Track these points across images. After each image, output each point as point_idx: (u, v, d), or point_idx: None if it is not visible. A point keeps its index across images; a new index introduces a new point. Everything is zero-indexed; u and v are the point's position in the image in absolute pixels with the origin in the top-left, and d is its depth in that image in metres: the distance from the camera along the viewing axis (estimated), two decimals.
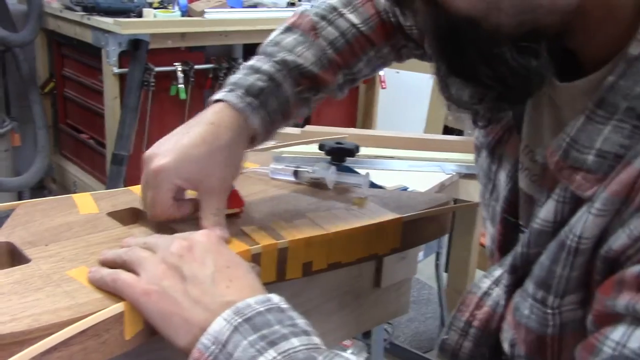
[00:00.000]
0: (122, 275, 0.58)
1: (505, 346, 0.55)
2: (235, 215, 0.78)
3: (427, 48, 0.59)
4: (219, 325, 0.53)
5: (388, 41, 0.83)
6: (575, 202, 0.49)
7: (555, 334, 0.49)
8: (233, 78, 0.76)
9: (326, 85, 0.79)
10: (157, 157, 0.69)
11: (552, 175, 0.52)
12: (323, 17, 0.81)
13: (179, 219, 0.72)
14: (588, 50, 0.52)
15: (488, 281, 0.60)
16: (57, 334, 0.52)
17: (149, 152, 0.71)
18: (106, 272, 0.59)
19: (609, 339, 0.43)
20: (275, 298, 0.56)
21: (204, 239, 0.61)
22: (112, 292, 0.58)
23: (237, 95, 0.72)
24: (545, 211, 0.51)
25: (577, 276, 0.48)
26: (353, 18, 0.80)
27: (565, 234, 0.48)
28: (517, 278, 0.55)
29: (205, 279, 0.56)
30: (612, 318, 0.44)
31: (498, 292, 0.58)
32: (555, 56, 0.51)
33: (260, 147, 0.79)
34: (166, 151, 0.69)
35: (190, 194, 0.74)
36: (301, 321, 0.54)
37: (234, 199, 0.79)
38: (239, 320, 0.52)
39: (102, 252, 0.64)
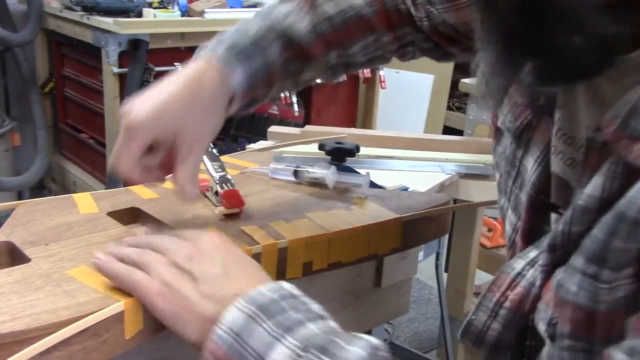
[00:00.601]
0: (138, 274, 0.58)
1: (542, 327, 0.52)
2: (235, 215, 0.78)
3: (482, 29, 0.54)
4: (233, 315, 0.52)
5: (390, 30, 0.81)
6: (628, 177, 0.46)
7: (606, 309, 0.47)
8: (220, 35, 0.75)
9: (314, 59, 0.78)
10: (135, 110, 0.67)
11: (596, 155, 0.49)
12: None
13: (137, 181, 0.70)
14: None
15: (522, 262, 0.58)
16: (57, 333, 0.52)
17: (126, 106, 0.69)
18: (122, 267, 0.60)
19: None
20: (286, 285, 0.55)
21: (211, 240, 0.61)
22: (120, 288, 0.59)
23: (221, 52, 0.72)
24: (592, 187, 0.49)
25: (637, 248, 0.45)
26: None
27: (626, 205, 0.45)
28: (555, 257, 0.52)
29: (215, 276, 0.57)
30: None
31: (533, 273, 0.56)
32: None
33: (235, 114, 0.78)
34: (144, 104, 0.68)
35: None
36: (315, 306, 0.54)
37: (234, 198, 0.79)
38: (253, 308, 0.52)
39: (108, 246, 0.64)
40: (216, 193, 0.81)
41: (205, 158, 0.84)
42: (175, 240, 0.62)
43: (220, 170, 0.84)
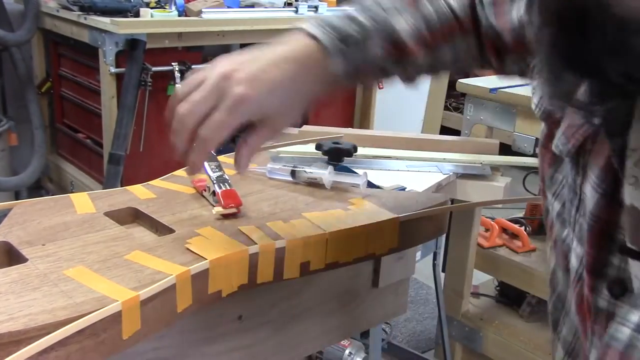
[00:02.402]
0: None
1: None
2: (233, 215, 0.78)
3: (536, 41, 0.52)
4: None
5: (475, 31, 0.76)
6: None
7: None
8: (325, 17, 0.72)
9: (408, 58, 0.74)
10: (243, 83, 0.65)
11: None
12: None
13: (197, 160, 0.69)
14: None
15: (626, 330, 0.49)
16: (54, 333, 0.52)
17: (229, 66, 0.66)
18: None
19: None
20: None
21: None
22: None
23: (330, 38, 0.69)
24: None
25: None
26: (452, 2, 0.75)
27: None
28: None
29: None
30: None
31: None
32: None
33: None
34: (252, 78, 0.65)
35: None
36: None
37: (232, 198, 0.79)
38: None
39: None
40: (213, 193, 0.81)
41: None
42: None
43: (217, 170, 0.84)
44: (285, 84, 0.66)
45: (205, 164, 0.84)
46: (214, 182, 0.81)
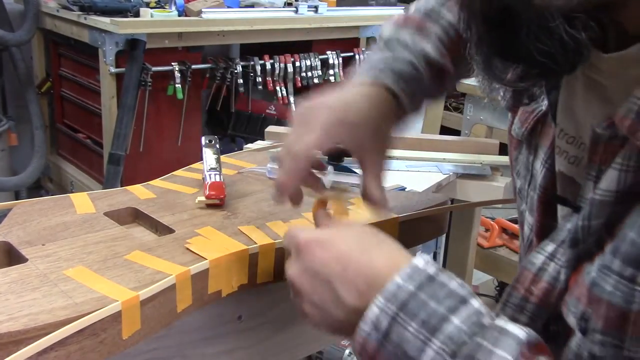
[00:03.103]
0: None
1: (572, 320, 0.54)
2: (215, 207, 0.79)
3: (464, 31, 0.58)
4: (375, 314, 0.52)
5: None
6: None
7: (639, 309, 0.49)
8: (377, 62, 0.75)
9: (449, 76, 0.79)
10: (336, 109, 0.68)
11: (603, 150, 0.52)
12: (427, 15, 0.81)
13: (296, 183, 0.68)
14: (633, 19, 0.51)
15: (541, 256, 0.59)
16: (54, 333, 0.52)
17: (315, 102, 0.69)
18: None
19: None
20: (420, 262, 0.54)
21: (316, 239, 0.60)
22: None
23: (393, 80, 0.72)
24: (607, 182, 0.51)
25: None
26: (450, 17, 0.80)
27: None
28: (578, 252, 0.54)
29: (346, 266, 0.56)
30: None
31: (555, 267, 0.58)
32: (602, 26, 0.51)
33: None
34: (330, 111, 0.68)
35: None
36: (454, 284, 0.54)
37: (216, 189, 0.80)
38: (394, 308, 0.52)
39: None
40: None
41: (206, 150, 0.86)
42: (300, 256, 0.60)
43: (215, 163, 0.85)
44: (365, 115, 0.68)
45: (206, 154, 0.86)
46: (206, 172, 0.84)
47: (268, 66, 2.57)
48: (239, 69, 2.50)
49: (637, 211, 0.49)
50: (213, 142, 0.91)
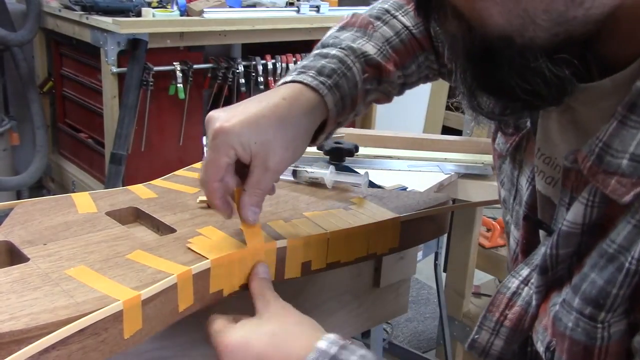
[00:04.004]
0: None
1: (540, 348, 0.55)
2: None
3: (448, 60, 0.60)
4: None
5: (432, 49, 0.83)
6: (606, 206, 0.49)
7: (603, 344, 0.50)
8: (300, 64, 0.74)
9: (388, 77, 0.79)
10: (220, 119, 0.65)
11: (575, 178, 0.52)
12: (377, 18, 0.82)
13: (217, 203, 0.67)
14: (615, 53, 0.51)
15: (516, 281, 0.60)
16: (56, 332, 0.52)
17: (213, 112, 0.67)
18: None
19: None
20: (323, 345, 0.58)
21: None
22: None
23: (310, 75, 0.71)
24: (573, 214, 0.52)
25: (630, 293, 0.48)
26: (405, 20, 0.82)
27: (624, 257, 0.47)
28: (547, 279, 0.55)
29: None
30: None
31: (527, 292, 0.59)
32: (583, 61, 0.51)
33: (321, 142, 0.76)
34: (232, 114, 0.66)
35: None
36: (354, 358, 0.57)
37: None
38: None
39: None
40: None
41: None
42: None
43: None
44: (267, 117, 0.66)
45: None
46: None
47: (270, 66, 2.57)
48: (241, 68, 2.50)
49: (597, 250, 0.50)
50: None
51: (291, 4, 2.67)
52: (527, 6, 0.47)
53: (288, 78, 0.72)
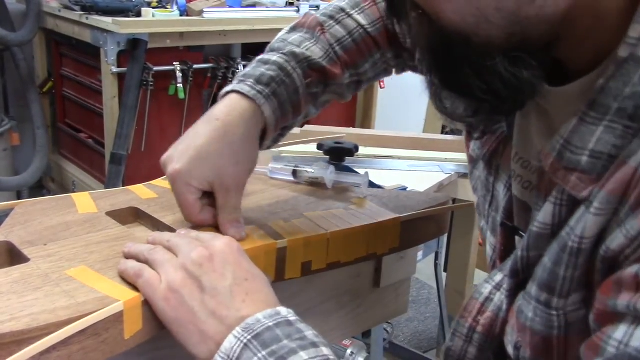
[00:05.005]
0: (146, 273, 0.59)
1: (510, 349, 0.55)
2: None
3: (419, 62, 0.60)
4: (230, 343, 0.54)
5: (391, 46, 0.83)
6: (573, 204, 0.50)
7: (560, 334, 0.50)
8: (242, 71, 0.76)
9: (334, 79, 0.79)
10: (172, 162, 0.69)
11: (548, 180, 0.53)
12: (331, 17, 0.81)
13: (208, 223, 0.72)
14: (576, 55, 0.52)
15: (489, 286, 0.61)
16: (56, 333, 0.52)
17: (164, 156, 0.71)
18: (131, 265, 0.60)
19: (612, 338, 0.44)
20: (283, 311, 0.56)
21: (225, 249, 0.60)
22: (133, 285, 0.59)
23: (248, 85, 0.72)
24: (543, 214, 0.52)
25: (579, 276, 0.48)
26: (361, 19, 0.81)
27: (567, 235, 0.49)
28: (518, 282, 0.55)
29: (223, 290, 0.57)
30: (614, 317, 0.45)
31: (500, 297, 0.59)
32: (544, 63, 0.52)
33: (268, 148, 0.79)
34: (180, 154, 0.69)
35: None
36: (309, 332, 0.55)
37: None
38: (248, 337, 0.53)
39: (127, 244, 0.65)
40: None
41: None
42: (189, 241, 0.62)
43: None
44: (209, 145, 0.69)
45: None
46: None
47: None
48: (241, 68, 2.50)
49: (557, 239, 0.50)
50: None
51: (291, 4, 2.67)
52: (479, 5, 0.47)
53: (228, 88, 0.73)
